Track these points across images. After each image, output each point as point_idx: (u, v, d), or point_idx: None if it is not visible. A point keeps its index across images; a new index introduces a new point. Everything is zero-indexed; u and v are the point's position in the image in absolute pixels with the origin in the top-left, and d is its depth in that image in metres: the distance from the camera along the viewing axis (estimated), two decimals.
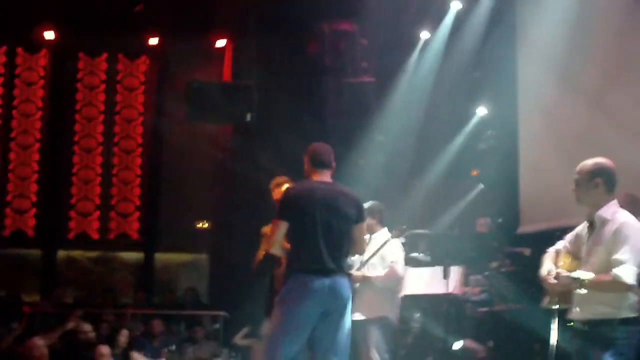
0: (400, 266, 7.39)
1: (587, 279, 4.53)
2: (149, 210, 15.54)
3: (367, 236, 6.82)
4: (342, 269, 5.49)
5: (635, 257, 4.48)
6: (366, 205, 7.31)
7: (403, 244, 7.64)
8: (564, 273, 4.67)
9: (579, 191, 4.77)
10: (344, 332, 5.48)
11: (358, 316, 7.02)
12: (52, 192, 15.47)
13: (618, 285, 4.46)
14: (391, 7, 12.78)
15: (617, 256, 4.48)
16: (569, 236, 5.00)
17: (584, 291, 4.59)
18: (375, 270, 7.31)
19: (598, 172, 4.71)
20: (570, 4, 9.98)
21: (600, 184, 4.69)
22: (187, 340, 12.64)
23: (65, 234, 15.33)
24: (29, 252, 15.35)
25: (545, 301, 4.90)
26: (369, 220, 7.12)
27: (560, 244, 5.02)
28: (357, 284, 7.07)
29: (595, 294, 4.57)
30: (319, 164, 5.68)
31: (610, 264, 4.51)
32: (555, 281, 4.70)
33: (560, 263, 4.86)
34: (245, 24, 14.40)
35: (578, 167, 4.79)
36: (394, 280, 7.36)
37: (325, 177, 5.67)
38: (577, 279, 4.56)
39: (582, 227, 4.90)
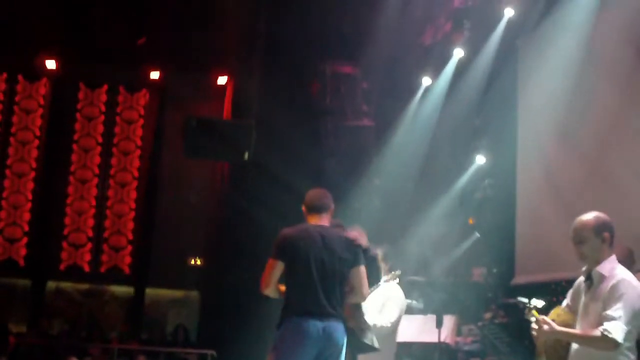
0: (391, 314, 7.21)
1: (536, 305, 4.49)
2: (142, 244, 15.44)
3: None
4: (337, 312, 5.43)
5: (627, 315, 4.37)
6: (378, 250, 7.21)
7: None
8: (541, 319, 4.61)
9: (584, 248, 4.61)
10: None
11: None
12: (45, 222, 15.38)
13: (606, 342, 4.34)
14: (393, 52, 12.84)
15: (609, 312, 4.37)
16: (570, 292, 4.90)
17: (533, 319, 4.57)
18: (369, 315, 7.14)
19: (603, 226, 4.59)
20: (572, 59, 10.02)
21: (607, 238, 4.59)
22: None
23: (56, 264, 15.21)
24: (19, 282, 15.20)
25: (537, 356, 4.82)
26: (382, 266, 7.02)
27: (564, 302, 4.92)
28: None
29: (589, 351, 4.47)
30: (312, 208, 5.70)
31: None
32: (535, 327, 4.64)
33: (551, 314, 4.78)
34: (247, 62, 14.45)
35: (578, 223, 4.64)
36: (379, 330, 7.16)
37: (322, 221, 5.65)
38: (527, 305, 4.51)
39: (580, 282, 4.81)
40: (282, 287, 5.53)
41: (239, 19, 14.18)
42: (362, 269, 5.59)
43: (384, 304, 7.02)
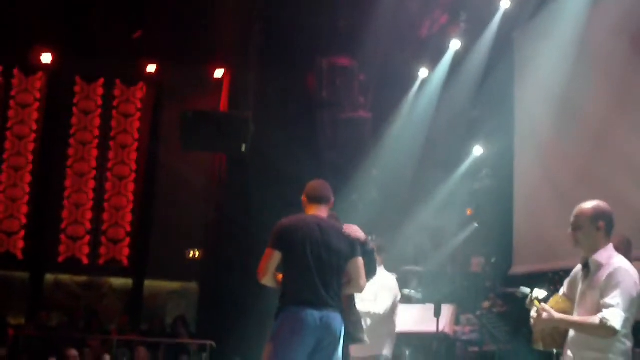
0: (384, 302, 7.26)
1: (538, 296, 4.57)
2: (140, 236, 15.46)
3: None
4: (334, 302, 5.47)
5: (624, 302, 4.41)
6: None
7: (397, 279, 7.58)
8: (541, 307, 4.66)
9: (579, 234, 4.70)
10: None
11: (353, 354, 6.94)
12: (43, 215, 15.39)
13: (605, 329, 4.39)
14: (390, 44, 12.86)
15: (607, 300, 4.42)
16: (567, 280, 4.96)
17: (534, 309, 4.63)
18: (364, 303, 7.20)
19: (600, 216, 4.66)
20: (569, 48, 10.05)
21: (602, 227, 4.65)
22: None
23: (55, 257, 15.22)
24: (17, 275, 15.21)
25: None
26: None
27: (562, 290, 4.98)
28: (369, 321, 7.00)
29: (586, 338, 4.52)
30: (313, 199, 5.74)
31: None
32: (534, 315, 4.70)
33: (550, 302, 4.83)
34: (244, 55, 14.46)
35: (577, 210, 4.73)
36: (372, 316, 7.20)
37: (320, 212, 5.69)
38: (529, 296, 4.61)
39: (577, 270, 4.87)
40: (280, 276, 5.57)
41: (236, 11, 14.17)
42: (360, 260, 5.63)
43: (377, 292, 7.09)
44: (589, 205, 4.71)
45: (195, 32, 14.35)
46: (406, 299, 9.14)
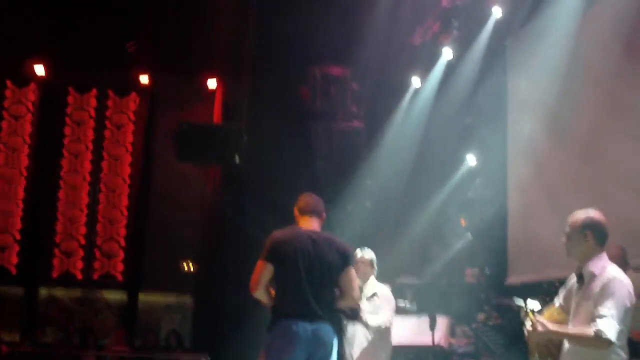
0: (387, 314, 7.27)
1: (533, 309, 4.58)
2: (134, 250, 15.37)
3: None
4: (326, 314, 5.48)
5: (619, 313, 4.38)
6: (365, 253, 7.28)
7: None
8: (535, 320, 4.63)
9: (569, 244, 4.70)
10: None
11: None
12: (36, 229, 15.28)
13: (600, 341, 4.35)
14: (383, 53, 12.85)
15: (601, 311, 4.39)
16: (562, 291, 4.92)
17: (529, 322, 4.61)
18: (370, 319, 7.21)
19: (588, 226, 4.64)
20: (561, 54, 10.04)
21: (590, 237, 4.62)
22: None
23: (48, 272, 15.10)
24: (11, 290, 15.11)
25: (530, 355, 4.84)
26: (366, 269, 7.10)
27: (556, 301, 4.94)
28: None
29: (582, 350, 4.47)
30: (305, 211, 5.77)
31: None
32: (529, 328, 4.66)
33: (545, 314, 4.80)
34: (237, 66, 14.43)
35: (569, 219, 4.72)
36: (378, 327, 7.21)
37: (313, 225, 5.70)
38: (523, 308, 4.62)
39: (572, 281, 4.82)
40: (273, 292, 5.57)
41: (228, 22, 14.14)
42: (352, 270, 5.67)
43: (378, 305, 7.10)
44: (580, 214, 4.70)
45: (188, 42, 14.33)
46: (401, 311, 9.11)
